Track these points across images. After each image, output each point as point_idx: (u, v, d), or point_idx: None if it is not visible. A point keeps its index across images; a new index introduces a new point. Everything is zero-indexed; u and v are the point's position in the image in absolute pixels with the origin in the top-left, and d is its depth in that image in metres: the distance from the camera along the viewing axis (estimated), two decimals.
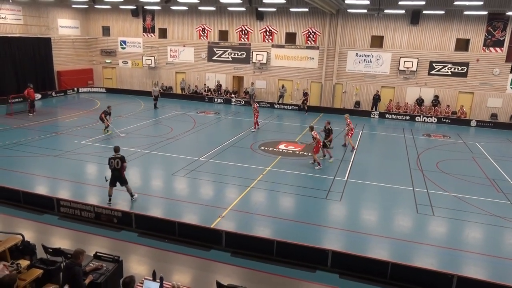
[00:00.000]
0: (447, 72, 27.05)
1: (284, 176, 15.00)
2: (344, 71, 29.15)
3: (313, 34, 29.24)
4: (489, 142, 21.81)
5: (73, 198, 11.66)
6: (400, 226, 11.56)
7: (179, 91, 33.38)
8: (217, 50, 32.03)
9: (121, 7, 32.30)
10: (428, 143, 21.35)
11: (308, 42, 29.50)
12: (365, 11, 26.52)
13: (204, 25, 31.85)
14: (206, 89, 32.48)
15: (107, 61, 35.78)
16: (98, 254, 7.68)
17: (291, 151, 18.39)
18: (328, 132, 17.10)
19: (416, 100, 27.93)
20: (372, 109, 28.26)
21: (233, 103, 30.91)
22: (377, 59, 28.28)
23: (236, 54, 31.55)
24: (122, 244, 9.79)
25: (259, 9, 28.99)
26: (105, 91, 34.62)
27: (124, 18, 34.11)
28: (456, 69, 26.81)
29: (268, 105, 30.14)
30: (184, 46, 32.91)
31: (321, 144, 16.35)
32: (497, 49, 25.79)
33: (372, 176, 15.51)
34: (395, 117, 27.51)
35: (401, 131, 23.74)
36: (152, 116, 25.37)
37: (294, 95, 30.47)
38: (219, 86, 32.04)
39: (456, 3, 21.72)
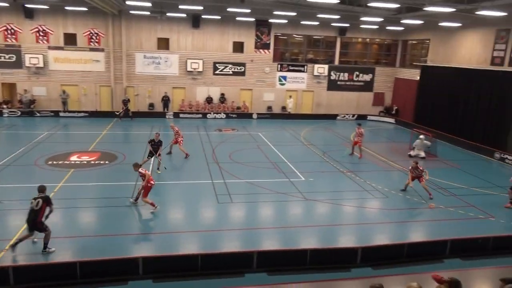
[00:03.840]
0: (229, 72, 29.90)
1: (81, 189, 13.76)
2: (134, 74, 28.59)
3: (95, 35, 27.51)
4: (268, 131, 25.27)
5: None
6: (204, 219, 12.24)
7: None
8: None
9: None
10: (220, 138, 23.20)
11: (91, 43, 27.60)
12: (148, 13, 26.57)
13: None
14: None
15: None
16: None
17: (85, 162, 16.96)
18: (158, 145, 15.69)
19: (206, 99, 29.90)
20: (164, 110, 28.67)
21: (6, 115, 26.26)
22: (166, 61, 28.84)
23: (3, 58, 26.81)
24: None
25: (27, 5, 25.38)
26: None
27: None
28: (236, 68, 29.92)
29: (52, 113, 26.90)
30: None
31: (153, 182, 12.42)
32: (266, 51, 30.01)
33: (173, 175, 15.86)
34: (188, 116, 28.75)
35: (196, 129, 25.01)
36: None
37: (82, 101, 28.16)
38: None
39: (228, 9, 24.10)
